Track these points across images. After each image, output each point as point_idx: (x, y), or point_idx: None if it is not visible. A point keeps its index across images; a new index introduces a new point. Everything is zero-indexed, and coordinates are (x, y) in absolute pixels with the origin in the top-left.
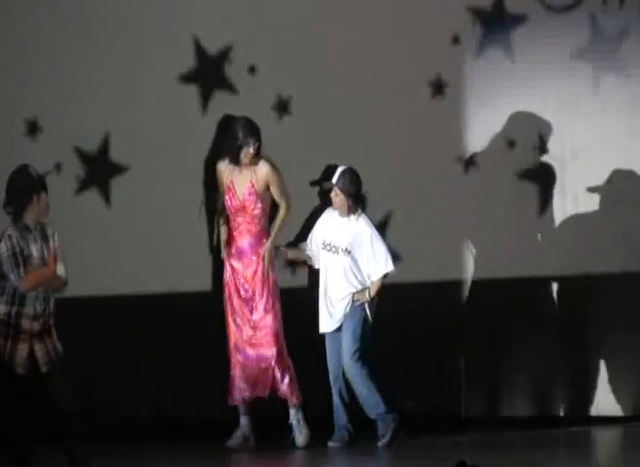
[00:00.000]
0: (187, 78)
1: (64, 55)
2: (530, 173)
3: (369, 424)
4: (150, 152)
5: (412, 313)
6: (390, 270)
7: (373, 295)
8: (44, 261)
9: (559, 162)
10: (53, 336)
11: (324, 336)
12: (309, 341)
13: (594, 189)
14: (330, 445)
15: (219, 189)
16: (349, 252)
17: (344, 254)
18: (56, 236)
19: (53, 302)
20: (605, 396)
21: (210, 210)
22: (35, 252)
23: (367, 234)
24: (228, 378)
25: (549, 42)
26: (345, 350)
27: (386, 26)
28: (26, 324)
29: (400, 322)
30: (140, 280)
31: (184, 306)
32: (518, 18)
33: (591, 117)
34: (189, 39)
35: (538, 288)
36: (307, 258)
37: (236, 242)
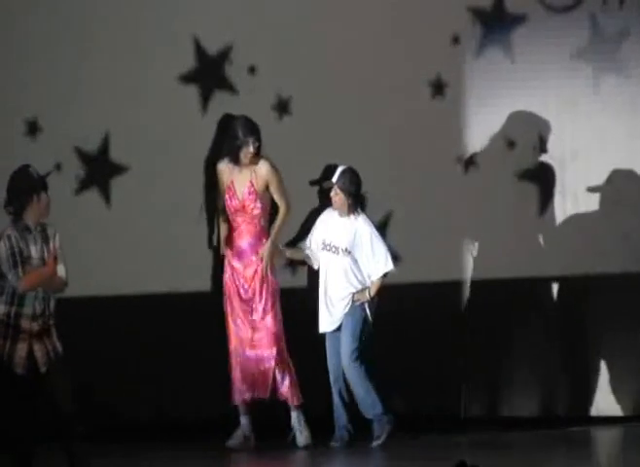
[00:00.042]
0: (187, 78)
1: (64, 55)
2: (530, 173)
3: (369, 424)
4: (150, 152)
5: (412, 313)
6: (390, 270)
7: (373, 294)
8: (44, 261)
9: (559, 162)
10: (53, 336)
11: (324, 336)
12: (309, 341)
13: (594, 189)
14: (330, 445)
15: (219, 189)
16: (349, 252)
17: (344, 254)
18: (57, 237)
19: (53, 302)
20: (605, 396)
21: (210, 212)
22: (34, 252)
23: (366, 234)
24: (227, 378)
25: (549, 42)
26: (344, 349)
27: (386, 26)
28: (25, 324)
29: (400, 322)
30: (140, 280)
31: (184, 306)
32: (518, 19)
33: (591, 117)
34: (189, 39)
35: (538, 288)
36: (306, 257)
37: (236, 242)
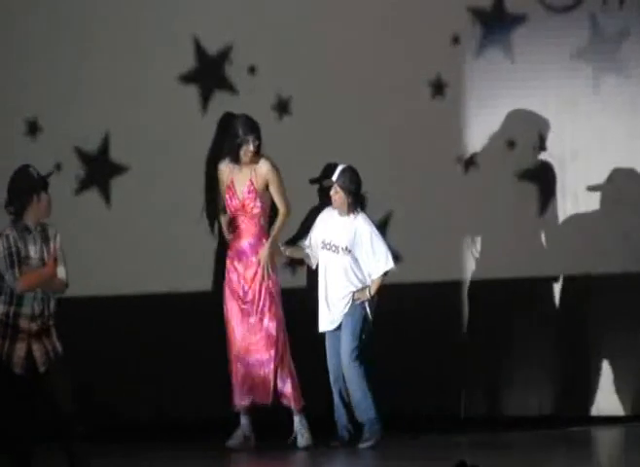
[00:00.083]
0: (187, 78)
1: (64, 55)
2: (530, 173)
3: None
4: (150, 152)
5: (412, 313)
6: (390, 268)
7: (373, 293)
8: (44, 262)
9: (559, 162)
10: (53, 336)
11: (324, 336)
12: (309, 341)
13: (594, 188)
14: (330, 445)
15: (219, 189)
16: (349, 251)
17: (344, 253)
18: (58, 238)
19: (53, 303)
20: (605, 396)
21: (211, 213)
22: (33, 253)
23: (366, 233)
24: (228, 378)
25: (549, 42)
26: (344, 349)
27: (386, 26)
28: (24, 324)
29: (400, 322)
30: (140, 280)
31: (184, 306)
32: (518, 19)
33: (591, 117)
34: (189, 39)
35: (538, 288)
36: (306, 256)
37: (236, 243)
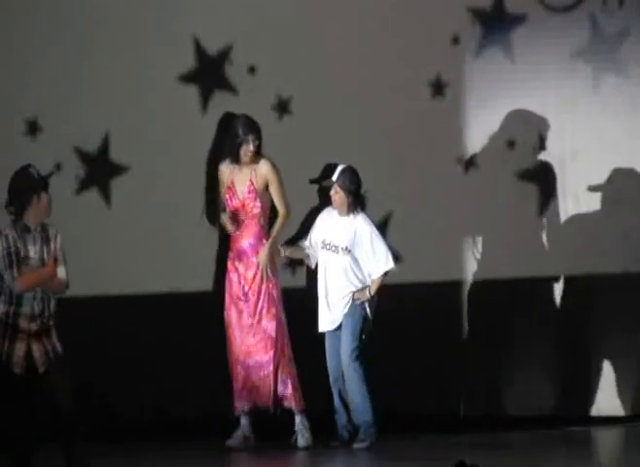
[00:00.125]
0: (187, 78)
1: (64, 55)
2: (530, 173)
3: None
4: (150, 152)
5: (412, 313)
6: (391, 268)
7: (373, 293)
8: (43, 262)
9: (559, 162)
10: (53, 336)
11: (324, 335)
12: (309, 341)
13: (595, 188)
14: (330, 445)
15: (219, 189)
16: (349, 251)
17: (344, 253)
18: (59, 238)
19: (53, 303)
20: (605, 396)
21: (211, 215)
22: (33, 253)
23: (366, 233)
24: (228, 378)
25: (548, 42)
26: (344, 349)
27: (386, 26)
28: (24, 324)
29: (400, 322)
30: (140, 280)
31: (184, 306)
32: (518, 19)
33: (591, 117)
34: (189, 39)
35: (538, 288)
36: (305, 256)
37: (237, 243)
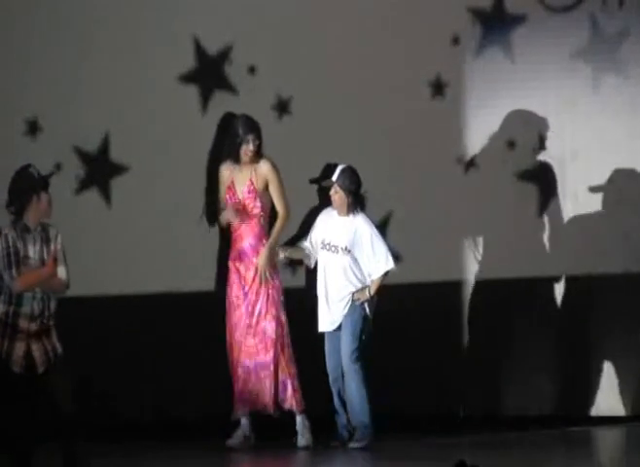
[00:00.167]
0: (187, 78)
1: (64, 55)
2: (530, 173)
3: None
4: (150, 152)
5: (412, 313)
6: (391, 268)
7: (372, 293)
8: (43, 262)
9: (559, 162)
10: (53, 336)
11: (324, 336)
12: (309, 341)
13: (596, 188)
14: (330, 445)
15: (219, 190)
16: (349, 251)
17: (344, 253)
18: (59, 238)
19: (54, 303)
20: (605, 396)
21: (211, 217)
22: (33, 253)
23: (366, 233)
24: (228, 378)
25: (548, 42)
26: (344, 350)
27: (386, 26)
28: (24, 324)
29: (400, 322)
30: (140, 280)
31: (184, 306)
32: (518, 19)
33: (591, 117)
34: (189, 39)
35: (538, 288)
36: (305, 257)
37: (238, 244)
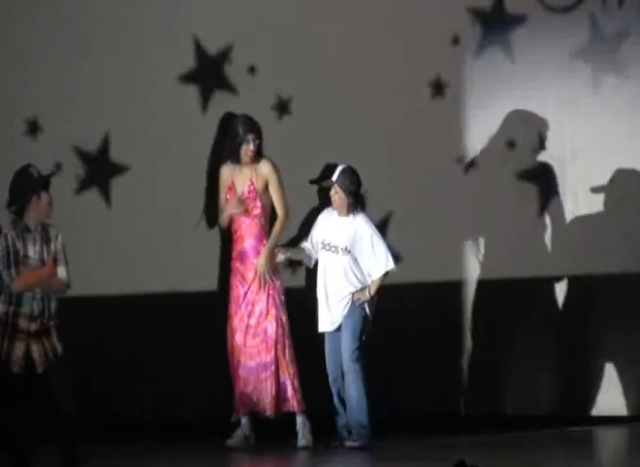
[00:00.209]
0: (187, 78)
1: (64, 55)
2: (530, 173)
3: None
4: (150, 152)
5: (412, 313)
6: (391, 269)
7: (372, 293)
8: (43, 262)
9: (559, 162)
10: (53, 337)
11: (323, 335)
12: (309, 341)
13: (596, 189)
14: (330, 445)
15: (219, 190)
16: (349, 251)
17: (344, 253)
18: (60, 238)
19: (54, 303)
20: (605, 396)
21: (209, 222)
22: (32, 253)
23: (367, 233)
24: (228, 378)
25: (548, 42)
26: (345, 350)
27: (386, 26)
28: (23, 324)
29: (400, 322)
30: (140, 280)
31: (184, 306)
32: (518, 19)
33: (591, 117)
34: (189, 39)
35: (538, 288)
36: (306, 257)
37: (239, 245)
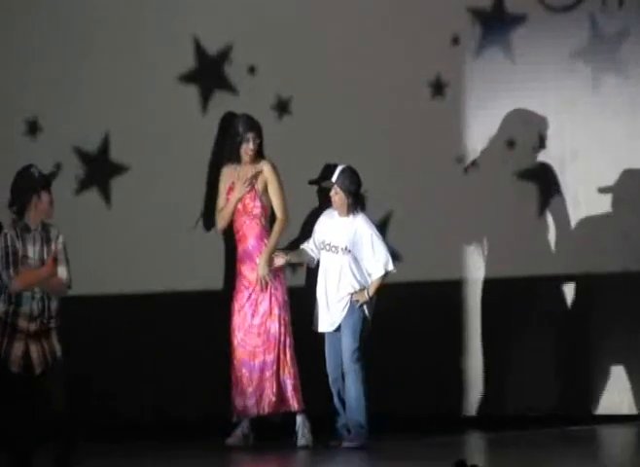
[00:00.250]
0: (187, 78)
1: (64, 55)
2: (530, 173)
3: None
4: (150, 152)
5: (412, 313)
6: (390, 270)
7: (371, 294)
8: (43, 262)
9: (559, 162)
10: (53, 338)
11: (323, 335)
12: (309, 341)
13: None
14: (330, 444)
15: (219, 190)
16: (349, 251)
17: (344, 253)
18: (60, 239)
19: (55, 303)
20: (606, 395)
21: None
22: (32, 253)
23: (367, 234)
24: (228, 378)
25: (548, 42)
26: (345, 350)
27: (386, 26)
28: (23, 323)
29: (400, 322)
30: (140, 280)
31: (184, 306)
32: (518, 19)
33: (591, 117)
34: (189, 39)
35: (538, 288)
36: (308, 259)
37: (242, 245)
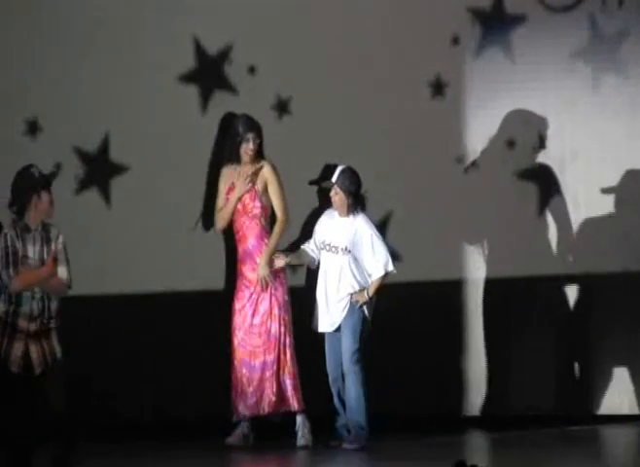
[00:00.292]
0: (187, 78)
1: (64, 56)
2: (530, 173)
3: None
4: (150, 152)
5: (412, 313)
6: (390, 270)
7: (371, 294)
8: (43, 262)
9: (559, 162)
10: (53, 339)
11: (323, 335)
12: (309, 342)
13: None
14: (330, 444)
15: (219, 190)
16: (349, 251)
17: (344, 253)
18: (61, 239)
19: (55, 304)
20: (606, 395)
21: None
22: (32, 253)
23: (367, 234)
24: (228, 378)
25: (548, 42)
26: (345, 351)
27: (386, 26)
28: (23, 324)
29: (400, 322)
30: (140, 280)
31: (184, 306)
32: (518, 19)
33: (591, 117)
34: (189, 39)
35: (538, 288)
36: (310, 261)
37: (242, 245)
